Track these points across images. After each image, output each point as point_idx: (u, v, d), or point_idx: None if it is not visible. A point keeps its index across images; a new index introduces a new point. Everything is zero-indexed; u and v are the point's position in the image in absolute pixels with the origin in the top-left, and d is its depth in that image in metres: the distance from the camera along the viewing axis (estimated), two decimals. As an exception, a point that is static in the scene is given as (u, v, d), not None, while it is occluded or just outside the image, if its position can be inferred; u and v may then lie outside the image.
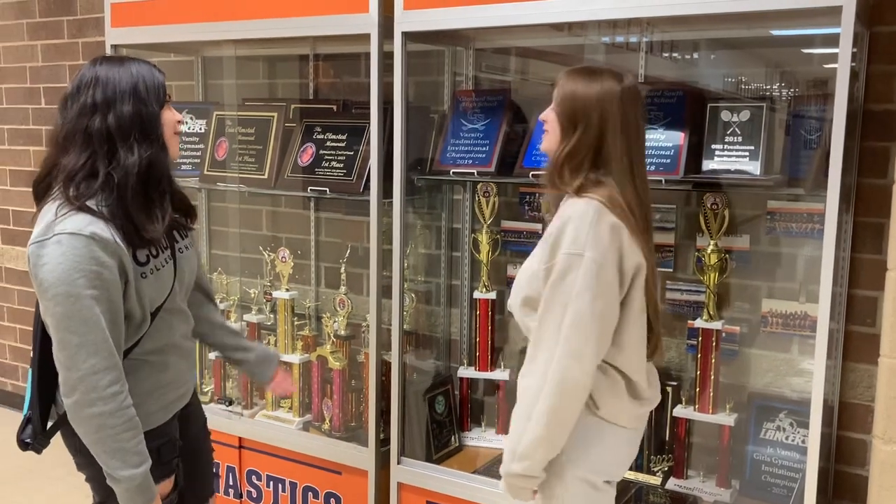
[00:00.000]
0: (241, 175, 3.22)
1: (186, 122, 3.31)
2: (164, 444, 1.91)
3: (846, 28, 1.90)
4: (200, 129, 3.41)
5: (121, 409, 1.73)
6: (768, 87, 2.61)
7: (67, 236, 1.68)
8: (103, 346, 1.71)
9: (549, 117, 1.91)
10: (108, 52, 3.19)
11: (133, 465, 1.75)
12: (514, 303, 1.97)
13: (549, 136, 1.91)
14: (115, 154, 1.76)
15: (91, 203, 1.74)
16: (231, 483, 3.15)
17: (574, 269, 1.75)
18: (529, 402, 1.80)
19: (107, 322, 1.72)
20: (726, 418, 2.51)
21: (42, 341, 1.84)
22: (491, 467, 2.76)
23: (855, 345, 2.49)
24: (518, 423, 1.83)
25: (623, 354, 1.86)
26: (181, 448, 1.99)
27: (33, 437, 1.88)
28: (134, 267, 1.78)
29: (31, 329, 1.91)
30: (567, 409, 1.78)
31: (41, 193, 1.83)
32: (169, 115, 1.86)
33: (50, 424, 1.89)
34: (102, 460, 1.75)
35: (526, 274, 1.91)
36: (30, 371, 1.90)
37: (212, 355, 3.33)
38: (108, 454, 1.74)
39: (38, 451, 1.91)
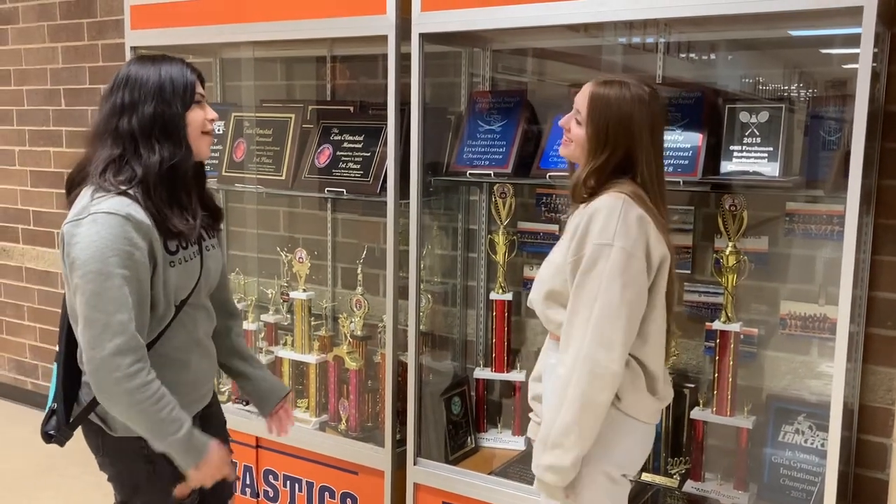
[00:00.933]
0: (258, 176, 3.24)
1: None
2: None
3: (867, 28, 1.89)
4: (219, 130, 3.43)
5: (145, 385, 1.75)
6: (787, 87, 2.59)
7: (104, 215, 1.72)
8: (129, 327, 1.73)
9: (573, 127, 1.92)
10: (128, 54, 3.22)
11: (171, 433, 1.78)
12: (535, 297, 1.98)
13: (574, 147, 1.93)
14: (139, 152, 1.79)
15: (126, 189, 1.78)
16: (248, 482, 3.17)
17: (603, 259, 1.78)
18: (559, 393, 1.81)
19: (134, 303, 1.74)
20: (744, 421, 2.49)
21: (69, 333, 1.87)
22: (507, 468, 2.76)
23: (875, 347, 2.47)
24: (549, 412, 1.84)
25: (647, 346, 1.88)
26: None
27: (57, 430, 1.90)
28: (164, 254, 1.81)
29: (52, 328, 1.94)
30: (597, 397, 1.79)
31: (75, 185, 1.86)
32: (196, 115, 1.88)
33: (73, 418, 1.90)
34: (143, 433, 1.78)
35: (550, 268, 1.93)
36: (55, 365, 1.92)
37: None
38: (144, 429, 1.77)
39: (62, 444, 1.92)
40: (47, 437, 1.91)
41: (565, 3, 2.29)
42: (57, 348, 1.93)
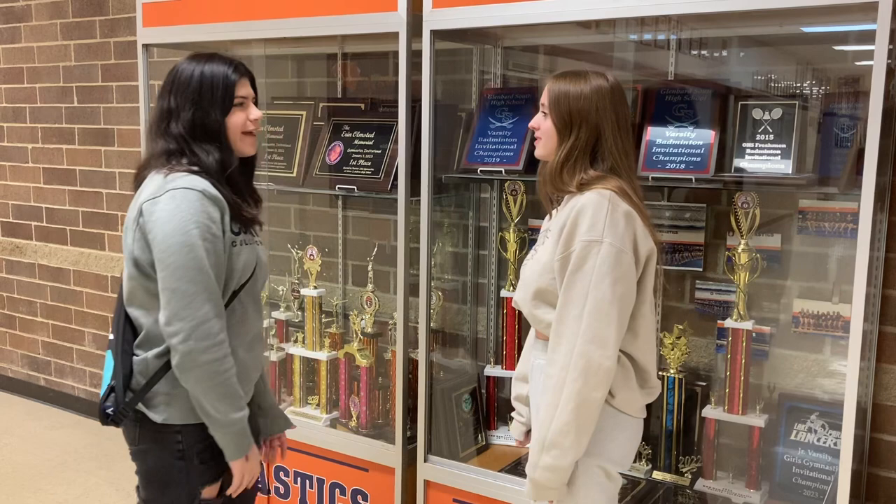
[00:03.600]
0: (269, 173, 3.25)
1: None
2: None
3: (882, 24, 1.87)
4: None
5: (228, 355, 1.82)
6: (800, 84, 2.58)
7: (182, 191, 1.80)
8: (214, 295, 1.81)
9: (540, 124, 1.95)
10: (140, 52, 3.24)
11: (240, 407, 1.85)
12: (523, 297, 1.98)
13: (545, 143, 1.95)
14: (193, 150, 1.89)
15: (196, 170, 1.85)
16: (258, 480, 3.17)
17: (593, 256, 1.78)
18: (555, 392, 1.81)
19: (214, 275, 1.80)
20: (756, 419, 2.48)
21: (126, 320, 1.91)
22: (517, 466, 2.75)
23: (888, 346, 2.45)
24: (545, 412, 1.84)
25: (638, 340, 1.88)
26: None
27: (115, 409, 1.88)
28: (229, 233, 1.87)
29: (65, 325, 1.95)
30: (593, 395, 1.79)
31: (142, 174, 1.93)
32: (236, 119, 1.92)
33: (130, 397, 1.89)
34: (213, 406, 1.81)
35: (536, 267, 1.93)
36: (108, 352, 1.94)
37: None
38: (220, 398, 1.81)
39: (118, 423, 1.91)
40: (105, 417, 1.90)
41: (577, -1, 2.29)
42: (111, 336, 1.95)
